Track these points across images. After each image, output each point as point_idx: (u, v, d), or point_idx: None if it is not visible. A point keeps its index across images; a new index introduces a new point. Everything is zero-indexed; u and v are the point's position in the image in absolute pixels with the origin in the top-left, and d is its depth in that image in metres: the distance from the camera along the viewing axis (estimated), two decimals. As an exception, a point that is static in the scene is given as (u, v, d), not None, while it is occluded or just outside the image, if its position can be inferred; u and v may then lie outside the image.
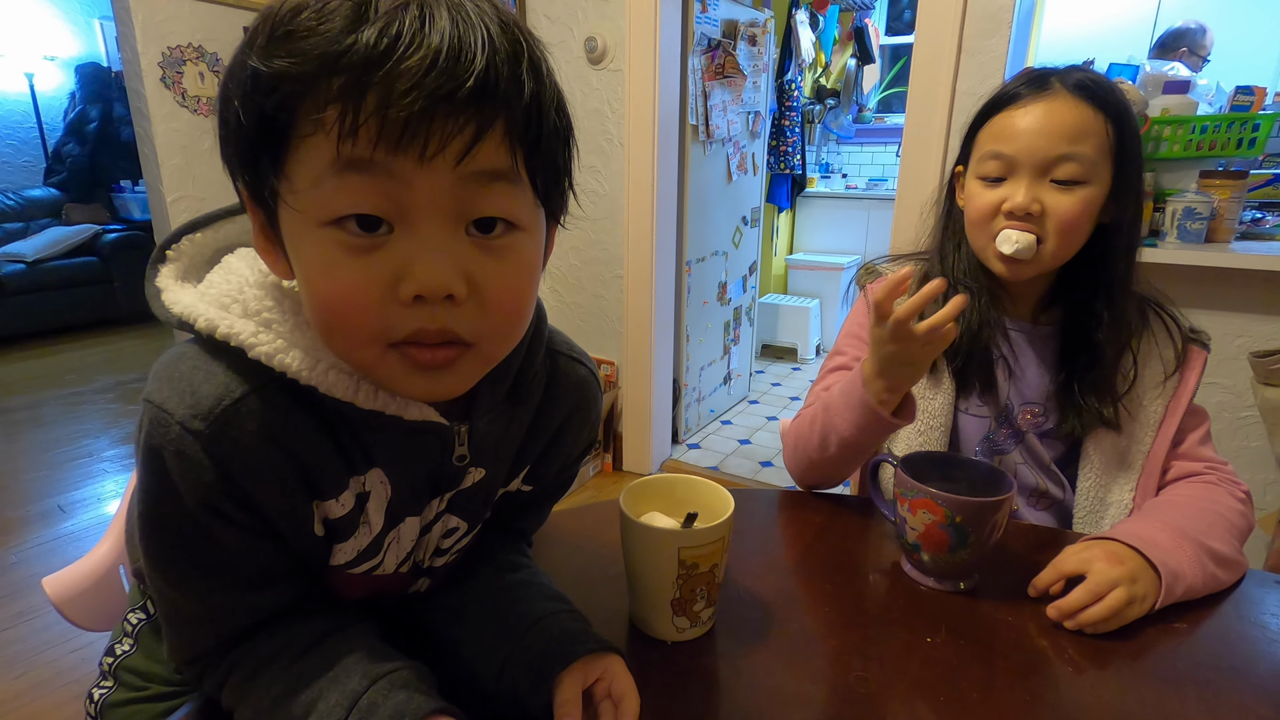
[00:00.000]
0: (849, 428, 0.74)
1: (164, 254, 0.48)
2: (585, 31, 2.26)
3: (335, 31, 0.33)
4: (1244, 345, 1.57)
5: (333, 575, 0.51)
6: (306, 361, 0.41)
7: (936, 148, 1.75)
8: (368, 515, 0.48)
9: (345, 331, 0.39)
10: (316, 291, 0.38)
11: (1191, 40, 2.38)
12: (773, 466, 2.68)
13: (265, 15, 0.36)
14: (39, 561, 1.99)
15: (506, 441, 0.54)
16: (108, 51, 4.82)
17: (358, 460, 0.46)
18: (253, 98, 0.35)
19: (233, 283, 0.44)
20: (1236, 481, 0.77)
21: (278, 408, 0.42)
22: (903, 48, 4.34)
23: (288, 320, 0.42)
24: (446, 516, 0.54)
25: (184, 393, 0.40)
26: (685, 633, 0.58)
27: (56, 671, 1.56)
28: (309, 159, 0.36)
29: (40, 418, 3.00)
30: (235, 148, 0.38)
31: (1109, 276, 0.78)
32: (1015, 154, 0.74)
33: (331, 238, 0.37)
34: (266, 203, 0.39)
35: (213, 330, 0.41)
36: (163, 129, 2.31)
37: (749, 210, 3.08)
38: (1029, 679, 0.55)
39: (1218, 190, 1.53)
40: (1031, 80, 0.76)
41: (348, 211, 0.36)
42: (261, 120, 0.36)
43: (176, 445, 0.40)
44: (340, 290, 0.37)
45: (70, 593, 0.73)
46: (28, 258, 3.97)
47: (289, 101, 0.35)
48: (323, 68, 0.34)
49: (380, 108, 0.33)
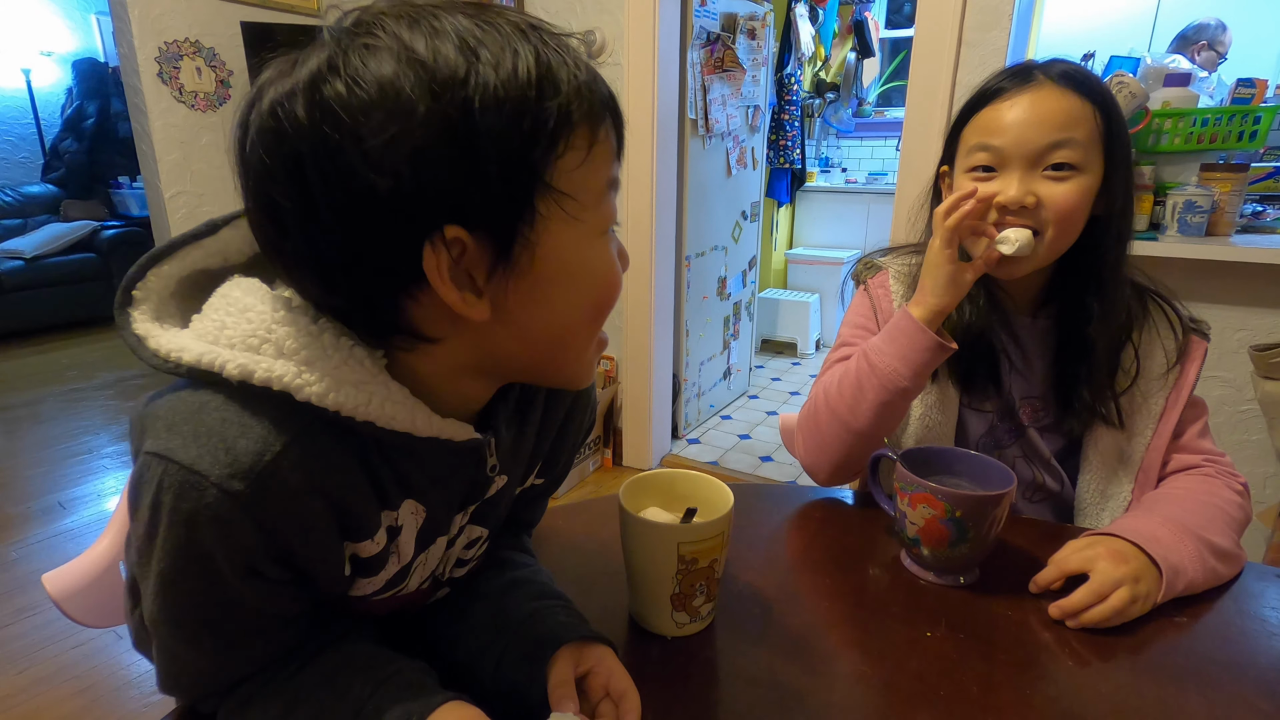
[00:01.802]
0: (894, 361, 0.73)
1: (130, 296, 0.43)
2: (584, 25, 2.25)
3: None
4: (1244, 339, 1.57)
5: (353, 603, 0.50)
6: (361, 397, 0.39)
7: (936, 142, 1.74)
8: (398, 547, 0.48)
9: (607, 313, 0.45)
10: (606, 284, 0.43)
11: (1211, 36, 2.40)
12: (772, 461, 2.68)
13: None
14: (40, 558, 1.99)
15: (523, 444, 0.55)
16: (105, 47, 4.80)
17: (392, 494, 0.45)
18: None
19: (255, 321, 0.40)
20: (1234, 474, 0.77)
21: (318, 451, 0.40)
22: (902, 41, 4.32)
23: (330, 357, 0.39)
24: (470, 528, 0.54)
25: (216, 450, 0.37)
26: (685, 628, 0.58)
27: (58, 667, 1.57)
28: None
29: (40, 414, 3.00)
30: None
31: (1099, 269, 0.77)
32: (1005, 146, 0.73)
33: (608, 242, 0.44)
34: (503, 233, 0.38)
35: (248, 377, 0.38)
36: (160, 124, 2.30)
37: (748, 205, 3.07)
38: (1029, 673, 0.55)
39: (1219, 183, 1.52)
40: (1014, 74, 0.75)
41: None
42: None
43: (214, 510, 0.37)
44: (617, 279, 0.44)
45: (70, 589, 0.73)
46: (26, 254, 3.96)
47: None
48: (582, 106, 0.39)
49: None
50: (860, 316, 0.89)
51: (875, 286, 0.88)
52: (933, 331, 0.72)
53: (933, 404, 0.83)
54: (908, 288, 0.86)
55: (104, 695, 1.50)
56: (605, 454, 2.60)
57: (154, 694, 1.48)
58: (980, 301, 0.81)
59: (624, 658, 0.56)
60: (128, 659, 1.59)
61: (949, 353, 0.73)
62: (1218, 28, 2.42)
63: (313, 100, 0.35)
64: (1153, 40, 3.08)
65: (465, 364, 0.43)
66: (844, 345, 0.88)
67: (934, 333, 0.72)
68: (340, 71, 0.34)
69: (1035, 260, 0.75)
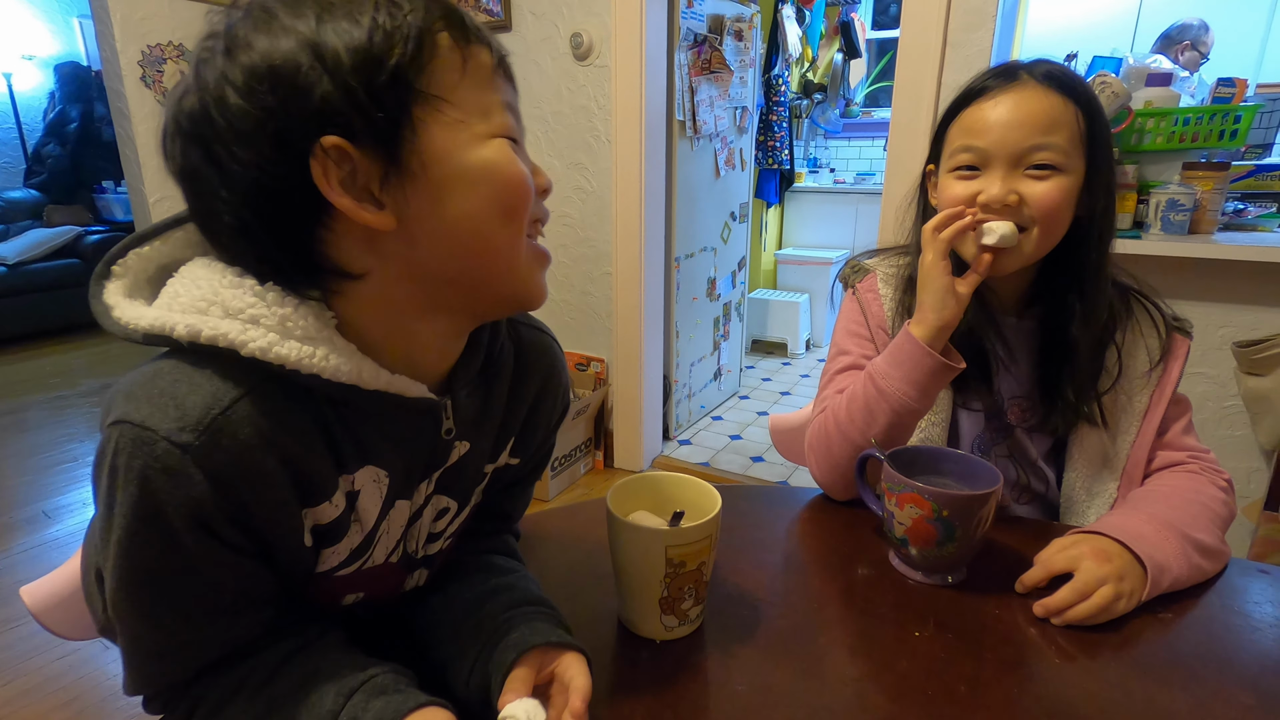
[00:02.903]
0: (902, 385, 0.73)
1: (109, 270, 0.46)
2: (571, 27, 2.25)
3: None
4: (1227, 335, 1.59)
5: (321, 582, 0.50)
6: (305, 350, 0.41)
7: (923, 142, 1.74)
8: (359, 513, 0.48)
9: (520, 212, 0.45)
10: (506, 181, 0.44)
11: (1194, 36, 2.43)
12: (764, 461, 2.69)
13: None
14: (24, 568, 1.96)
15: (488, 414, 0.56)
16: (87, 50, 4.76)
17: (349, 457, 0.46)
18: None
19: (204, 288, 0.42)
20: (1219, 470, 0.78)
21: (270, 409, 0.41)
22: (889, 42, 4.35)
23: (274, 313, 0.41)
24: (436, 498, 0.55)
25: (166, 407, 0.39)
26: (674, 631, 0.58)
27: (44, 679, 1.55)
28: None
29: (24, 422, 2.96)
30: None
31: (1081, 269, 0.77)
32: (988, 146, 0.73)
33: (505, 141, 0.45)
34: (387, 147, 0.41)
35: (195, 336, 0.40)
36: (144, 129, 2.28)
37: (737, 206, 3.08)
38: (1017, 672, 0.55)
39: (1200, 182, 1.54)
40: (999, 73, 0.75)
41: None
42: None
43: (164, 462, 0.38)
44: (519, 178, 0.45)
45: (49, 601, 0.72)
46: (8, 260, 3.91)
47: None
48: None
49: None
50: (852, 323, 0.89)
51: (864, 290, 0.88)
52: (938, 351, 0.72)
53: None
54: (896, 290, 0.86)
55: (90, 706, 1.48)
56: (596, 456, 2.60)
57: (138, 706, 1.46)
58: (968, 303, 0.81)
59: (613, 662, 0.56)
60: (114, 670, 1.57)
61: (956, 372, 0.73)
62: (1200, 28, 2.45)
63: (198, 80, 0.41)
64: (1135, 40, 3.11)
65: (403, 301, 0.45)
66: (841, 354, 0.88)
67: (939, 352, 0.72)
68: (219, 37, 0.41)
69: (1022, 257, 0.75)
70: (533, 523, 0.76)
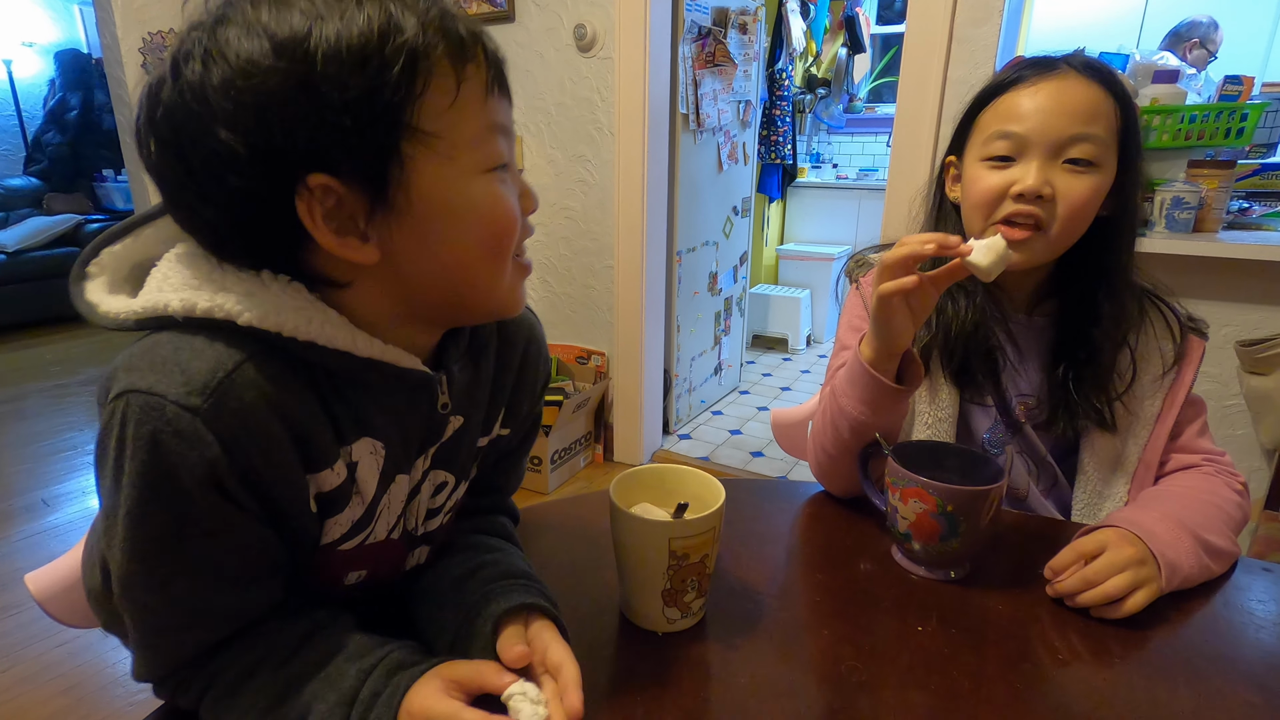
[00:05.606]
0: (857, 405, 0.72)
1: (85, 271, 0.47)
2: (575, 18, 2.24)
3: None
4: (1230, 334, 1.59)
5: (324, 558, 0.50)
6: (300, 319, 0.42)
7: (927, 137, 1.75)
8: (359, 485, 0.48)
9: (506, 248, 0.46)
10: (494, 219, 0.45)
11: (1203, 34, 2.42)
12: (764, 456, 2.69)
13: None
14: (24, 555, 1.97)
15: (478, 387, 0.57)
16: (88, 37, 4.73)
17: (347, 428, 0.46)
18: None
19: (194, 268, 0.43)
20: (1234, 473, 0.76)
21: (271, 374, 0.41)
22: (893, 37, 4.33)
23: (269, 288, 0.42)
24: (434, 472, 0.55)
25: (172, 373, 0.39)
26: (676, 623, 0.58)
27: (43, 666, 1.55)
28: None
29: (24, 410, 2.96)
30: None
31: (1111, 270, 0.76)
32: (1027, 133, 0.71)
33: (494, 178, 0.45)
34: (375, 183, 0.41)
35: (191, 309, 0.41)
36: (144, 117, 2.27)
37: (740, 200, 3.07)
38: (1020, 667, 0.55)
39: (1206, 180, 1.54)
40: (1036, 63, 0.74)
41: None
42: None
43: (175, 425, 0.38)
44: (507, 214, 0.45)
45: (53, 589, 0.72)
46: (8, 248, 3.90)
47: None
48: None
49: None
50: (855, 316, 0.88)
51: (867, 284, 0.88)
52: (880, 374, 0.69)
53: (936, 400, 0.83)
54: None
55: (89, 693, 1.49)
56: (596, 449, 2.60)
57: (139, 692, 1.47)
58: (977, 298, 0.80)
59: (615, 654, 0.56)
60: (113, 657, 1.58)
61: (908, 394, 0.71)
62: (1210, 26, 2.44)
63: (176, 79, 0.39)
64: (1141, 37, 3.10)
65: (387, 308, 0.46)
66: (844, 349, 0.88)
67: (884, 375, 0.69)
68: (195, 51, 0.38)
69: (1040, 253, 0.73)
70: (535, 514, 0.76)
